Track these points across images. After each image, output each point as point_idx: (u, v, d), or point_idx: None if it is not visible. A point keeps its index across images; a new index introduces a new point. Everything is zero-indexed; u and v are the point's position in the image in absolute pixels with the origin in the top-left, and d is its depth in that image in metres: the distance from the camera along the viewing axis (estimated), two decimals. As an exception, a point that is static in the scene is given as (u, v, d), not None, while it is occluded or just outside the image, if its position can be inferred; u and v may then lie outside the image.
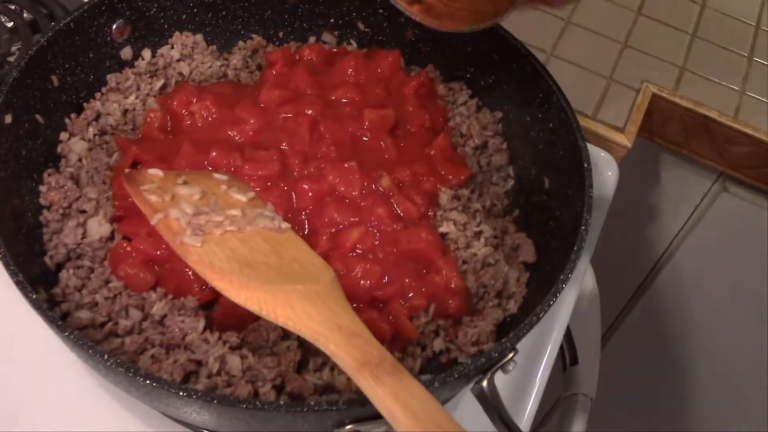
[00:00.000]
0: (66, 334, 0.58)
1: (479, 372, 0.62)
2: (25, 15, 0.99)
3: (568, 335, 0.95)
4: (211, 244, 0.66)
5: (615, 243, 1.07)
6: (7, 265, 0.61)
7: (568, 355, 0.96)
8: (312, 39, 0.96)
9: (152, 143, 0.79)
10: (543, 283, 0.75)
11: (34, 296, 0.59)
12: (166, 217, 0.68)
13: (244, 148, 0.77)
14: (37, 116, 0.77)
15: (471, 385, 0.64)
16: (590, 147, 0.94)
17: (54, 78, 0.79)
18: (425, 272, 0.75)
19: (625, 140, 0.99)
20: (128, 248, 0.72)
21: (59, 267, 0.73)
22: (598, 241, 0.92)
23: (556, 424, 0.91)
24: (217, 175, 0.75)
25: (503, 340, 0.62)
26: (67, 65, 0.80)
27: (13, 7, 0.99)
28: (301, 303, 0.61)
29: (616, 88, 1.05)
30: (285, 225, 0.71)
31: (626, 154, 0.99)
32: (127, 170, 0.75)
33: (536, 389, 0.79)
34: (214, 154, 0.76)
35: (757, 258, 1.15)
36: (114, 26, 0.84)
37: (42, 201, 0.76)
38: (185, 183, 0.72)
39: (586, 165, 0.74)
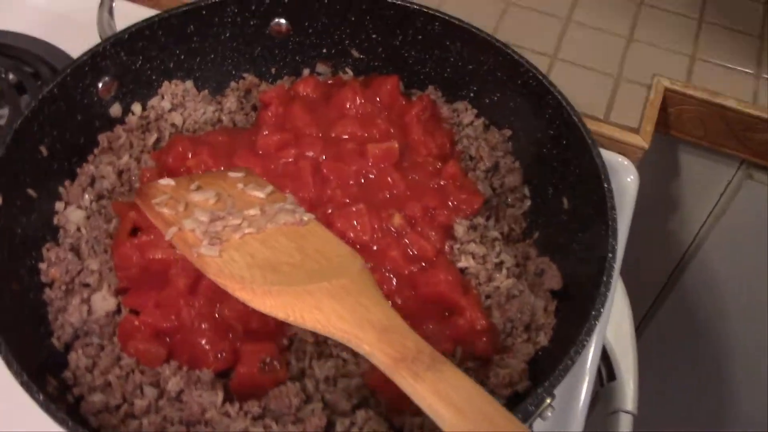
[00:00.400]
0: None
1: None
2: (10, 77, 0.96)
3: (602, 350, 0.91)
4: (230, 251, 0.62)
5: (638, 240, 1.03)
6: (9, 365, 0.58)
7: (604, 371, 0.93)
8: (306, 71, 0.92)
9: None
10: (571, 309, 0.72)
11: (41, 397, 0.56)
12: (180, 230, 0.65)
13: None
14: (29, 190, 0.74)
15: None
16: (607, 153, 0.91)
17: (42, 148, 0.76)
18: (448, 315, 0.71)
19: (641, 141, 0.95)
20: (136, 323, 0.69)
21: (67, 346, 0.71)
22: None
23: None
24: (232, 174, 0.72)
25: (539, 391, 0.59)
26: (55, 132, 0.77)
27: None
28: (329, 302, 0.58)
29: (626, 86, 1.01)
30: (307, 216, 0.68)
31: (645, 155, 0.95)
32: (139, 185, 0.74)
33: (577, 423, 0.75)
34: None
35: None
36: (100, 84, 0.81)
37: (43, 278, 0.73)
38: (199, 188, 0.69)
39: (606, 186, 0.70)
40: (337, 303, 0.58)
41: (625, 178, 0.91)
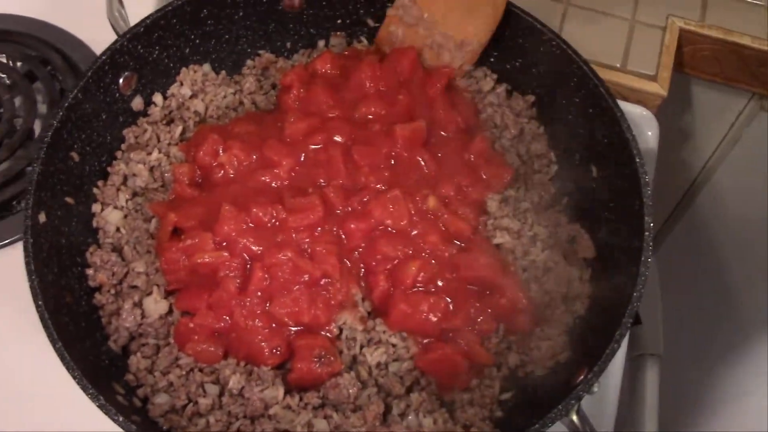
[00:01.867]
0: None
1: (569, 410, 0.62)
2: (18, 66, 0.94)
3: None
4: None
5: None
6: (86, 390, 0.61)
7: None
8: (321, 43, 0.91)
9: (189, 206, 0.76)
10: (607, 278, 0.75)
11: (121, 419, 0.59)
12: None
13: (283, 196, 0.75)
14: (67, 199, 0.75)
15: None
16: (627, 105, 0.92)
17: (74, 154, 0.76)
18: (489, 294, 0.74)
19: (659, 89, 0.95)
20: (191, 325, 0.71)
21: (124, 349, 0.73)
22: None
23: (626, 390, 0.92)
24: None
25: (589, 377, 0.62)
26: (83, 136, 0.77)
27: (3, 60, 0.94)
28: None
29: (641, 29, 1.00)
30: None
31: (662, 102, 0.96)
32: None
33: (614, 390, 0.78)
34: (255, 210, 0.73)
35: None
36: (120, 81, 0.80)
37: (91, 283, 0.75)
38: None
39: (638, 160, 0.71)
40: None
41: (646, 133, 0.91)
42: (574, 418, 0.63)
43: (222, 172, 0.78)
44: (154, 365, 0.72)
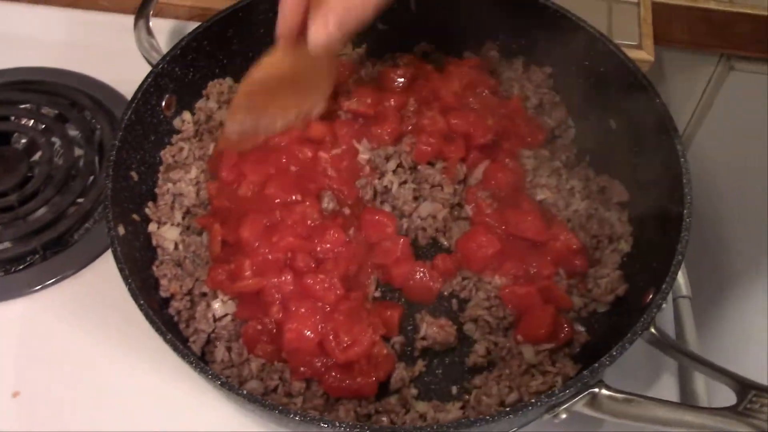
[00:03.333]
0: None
1: (650, 322, 0.67)
2: (44, 111, 0.97)
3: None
4: None
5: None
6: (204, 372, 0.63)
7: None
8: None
9: (230, 218, 0.80)
10: (646, 219, 0.81)
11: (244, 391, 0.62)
12: None
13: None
14: (134, 216, 0.78)
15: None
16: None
17: (133, 173, 0.79)
18: (542, 244, 0.79)
19: (646, 55, 1.04)
20: (259, 327, 0.74)
21: (203, 352, 0.76)
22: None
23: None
24: None
25: (657, 299, 0.67)
26: (138, 156, 0.81)
27: (29, 106, 0.97)
28: None
29: (618, 7, 1.09)
30: None
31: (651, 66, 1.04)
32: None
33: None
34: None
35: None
36: (163, 103, 0.84)
37: (163, 294, 0.77)
38: None
39: (658, 100, 0.78)
40: None
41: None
42: (653, 330, 0.68)
43: (244, 188, 0.82)
44: (232, 363, 0.74)
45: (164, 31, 0.85)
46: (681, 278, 1.02)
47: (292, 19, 0.68)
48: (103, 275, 0.83)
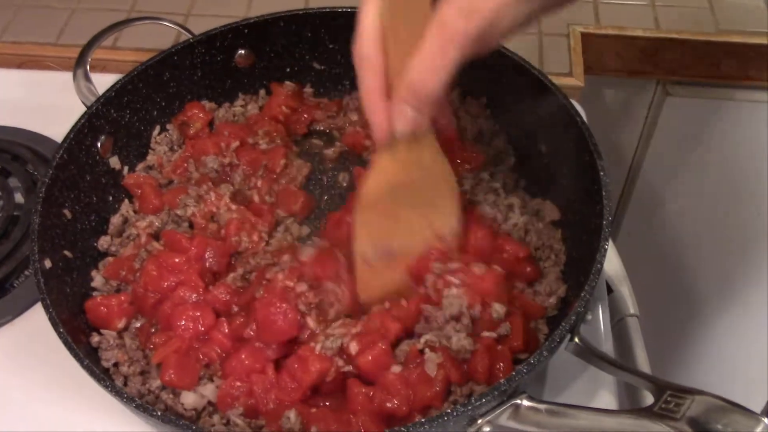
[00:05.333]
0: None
1: (569, 332, 0.68)
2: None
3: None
4: None
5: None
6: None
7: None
8: (262, 92, 0.99)
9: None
10: (576, 234, 0.82)
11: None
12: None
13: None
14: (66, 252, 0.79)
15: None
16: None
17: (66, 212, 0.80)
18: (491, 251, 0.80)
19: (576, 81, 1.07)
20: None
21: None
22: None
23: (615, 353, 0.97)
24: None
25: (578, 310, 0.67)
26: (72, 195, 0.82)
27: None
28: None
29: (548, 40, 1.13)
30: None
31: (581, 92, 1.07)
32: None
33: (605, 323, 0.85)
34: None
35: (720, 146, 1.26)
36: (98, 144, 0.86)
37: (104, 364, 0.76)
38: None
39: (579, 120, 0.80)
40: None
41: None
42: (578, 341, 0.69)
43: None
44: None
45: (107, 85, 0.87)
46: (628, 297, 1.04)
47: (383, 120, 0.64)
48: (43, 321, 0.82)
